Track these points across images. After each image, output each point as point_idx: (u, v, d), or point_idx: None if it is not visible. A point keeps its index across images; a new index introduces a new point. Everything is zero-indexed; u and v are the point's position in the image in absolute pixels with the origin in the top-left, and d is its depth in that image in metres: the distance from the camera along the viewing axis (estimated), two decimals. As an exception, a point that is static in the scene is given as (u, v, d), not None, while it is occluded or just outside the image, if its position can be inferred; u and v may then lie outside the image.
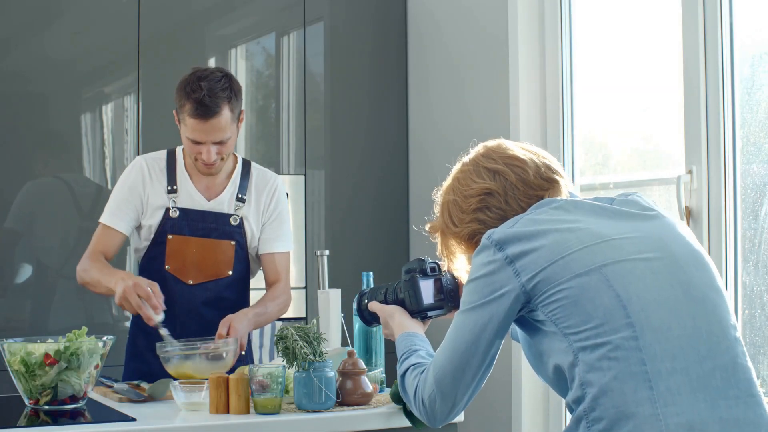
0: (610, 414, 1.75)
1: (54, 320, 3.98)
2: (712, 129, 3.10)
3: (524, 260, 1.85)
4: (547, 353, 1.87)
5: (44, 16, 4.05)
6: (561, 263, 1.82)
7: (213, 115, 2.84)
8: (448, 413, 1.97)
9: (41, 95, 4.04)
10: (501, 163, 2.03)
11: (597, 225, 1.87)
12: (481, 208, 2.02)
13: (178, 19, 4.27)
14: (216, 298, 3.01)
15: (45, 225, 4.01)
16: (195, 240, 2.98)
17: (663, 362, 1.75)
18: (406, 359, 2.11)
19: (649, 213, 1.93)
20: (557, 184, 2.02)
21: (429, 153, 4.49)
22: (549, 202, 1.95)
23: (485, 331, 1.90)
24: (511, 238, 1.87)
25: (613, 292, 1.79)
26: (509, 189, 2.00)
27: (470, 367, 1.92)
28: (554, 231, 1.86)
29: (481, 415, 4.03)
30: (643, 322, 1.77)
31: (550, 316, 1.83)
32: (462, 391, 1.95)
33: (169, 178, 3.00)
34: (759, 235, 3.01)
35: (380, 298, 2.38)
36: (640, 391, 1.73)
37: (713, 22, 3.08)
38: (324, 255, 3.10)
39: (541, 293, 1.84)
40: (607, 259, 1.82)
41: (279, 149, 4.41)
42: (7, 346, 2.46)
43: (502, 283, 1.87)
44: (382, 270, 4.34)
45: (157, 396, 2.63)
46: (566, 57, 3.83)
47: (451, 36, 4.33)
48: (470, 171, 2.07)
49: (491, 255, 1.89)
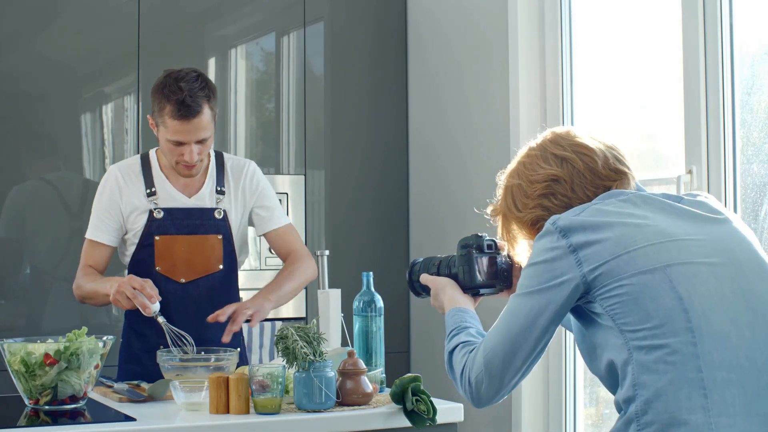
0: (662, 419, 1.72)
1: (49, 322, 3.98)
2: (712, 129, 3.10)
3: (588, 250, 1.82)
4: (601, 347, 1.84)
5: (44, 16, 4.05)
6: (625, 258, 1.79)
7: (195, 114, 2.86)
8: (493, 396, 1.94)
9: (41, 95, 4.03)
10: (569, 150, 1.98)
11: (664, 223, 1.84)
12: (546, 195, 1.98)
13: (178, 19, 4.27)
14: (209, 294, 3.02)
15: (36, 228, 4.00)
16: (182, 238, 2.99)
17: (720, 371, 1.72)
18: (455, 335, 2.06)
19: (718, 217, 1.89)
20: (625, 176, 1.97)
21: (429, 153, 4.49)
22: (618, 194, 1.91)
23: (541, 317, 1.86)
24: (577, 226, 1.84)
25: (676, 293, 1.76)
26: (576, 177, 1.96)
27: (522, 351, 1.89)
28: (621, 224, 1.82)
29: (481, 415, 4.03)
30: (703, 327, 1.74)
31: (608, 311, 1.80)
32: (510, 375, 1.91)
33: (146, 181, 3.01)
34: (759, 235, 3.01)
35: (432, 271, 2.33)
36: (694, 399, 1.71)
37: (713, 22, 3.08)
38: (324, 255, 3.10)
39: (601, 286, 1.80)
40: (672, 260, 1.78)
41: (279, 149, 4.41)
42: (7, 346, 2.46)
43: (562, 271, 1.84)
44: (382, 270, 4.35)
45: (157, 396, 2.63)
46: (566, 57, 3.83)
47: (451, 35, 4.33)
48: (537, 156, 2.01)
49: (554, 241, 1.85)
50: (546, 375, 3.83)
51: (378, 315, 2.76)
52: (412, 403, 2.47)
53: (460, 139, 4.27)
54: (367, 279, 2.80)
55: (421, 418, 2.48)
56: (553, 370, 3.81)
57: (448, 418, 2.58)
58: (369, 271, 2.85)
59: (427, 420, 2.48)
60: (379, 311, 2.77)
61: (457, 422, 2.61)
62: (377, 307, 2.77)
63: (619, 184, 1.96)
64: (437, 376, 4.29)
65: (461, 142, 4.26)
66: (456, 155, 4.28)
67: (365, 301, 2.77)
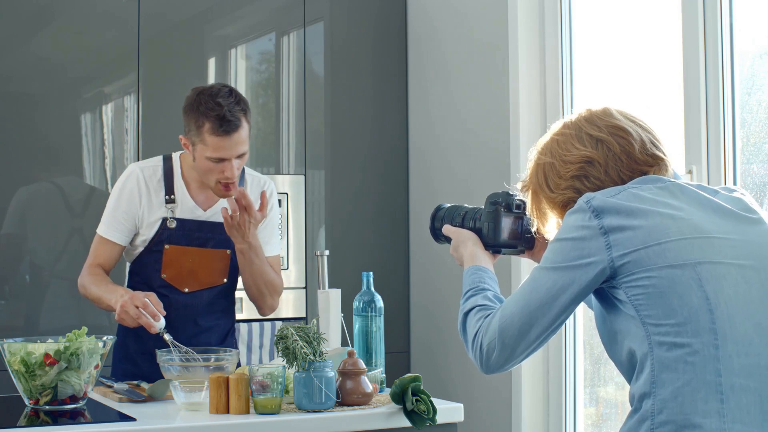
0: (677, 420, 1.70)
1: (49, 322, 3.97)
2: (712, 129, 3.10)
3: (619, 235, 1.78)
4: (623, 333, 1.81)
5: (44, 17, 4.05)
6: (656, 249, 1.75)
7: (235, 129, 2.83)
8: (503, 365, 1.91)
9: (41, 95, 4.03)
10: (606, 132, 1.92)
11: (699, 217, 1.80)
12: (578, 176, 1.92)
13: (178, 19, 4.27)
14: (209, 305, 3.03)
15: (37, 227, 4.00)
16: (191, 250, 2.98)
17: (738, 377, 1.70)
18: (472, 296, 2.03)
19: (753, 216, 1.85)
20: (662, 161, 1.91)
21: (429, 153, 4.49)
22: (655, 180, 1.86)
23: (563, 295, 1.83)
24: (611, 208, 1.80)
25: (703, 293, 1.73)
26: (611, 160, 1.90)
27: (538, 325, 1.86)
28: (656, 213, 1.78)
29: (481, 415, 4.03)
30: (727, 331, 1.71)
31: (632, 300, 1.77)
32: (523, 347, 1.89)
33: (167, 187, 2.98)
34: (759, 235, 3.01)
35: (457, 221, 2.31)
36: (710, 403, 1.69)
37: (713, 22, 3.08)
38: (324, 255, 3.10)
39: (628, 273, 1.77)
40: (704, 258, 1.75)
41: (279, 149, 4.41)
42: (7, 346, 2.46)
43: (591, 252, 1.80)
44: (382, 270, 4.35)
45: (157, 396, 2.63)
46: (566, 57, 3.83)
47: (451, 36, 4.33)
48: (572, 135, 1.94)
49: (586, 220, 1.81)
50: (546, 375, 3.84)
51: (378, 315, 2.76)
52: (412, 403, 2.47)
53: (460, 139, 4.27)
54: (367, 279, 2.80)
55: (421, 418, 2.48)
56: (553, 370, 3.81)
57: (448, 418, 2.58)
58: (369, 271, 2.85)
59: (427, 420, 2.48)
60: (379, 311, 2.77)
61: (457, 422, 2.61)
62: (377, 307, 2.77)
63: (657, 170, 1.91)
64: (437, 376, 4.29)
65: (461, 142, 4.26)
66: (456, 155, 4.28)
67: (365, 301, 2.77)
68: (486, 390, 4.04)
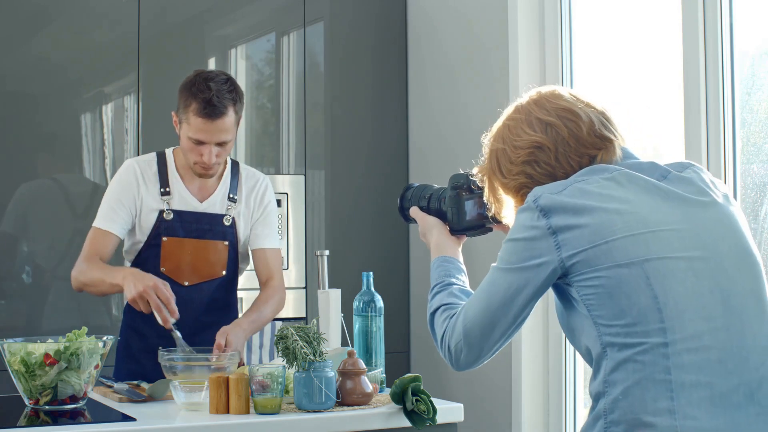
0: (628, 419, 1.71)
1: (49, 322, 3.97)
2: (712, 129, 3.10)
3: (567, 235, 1.78)
4: (579, 331, 1.82)
5: (44, 16, 4.05)
6: (603, 248, 1.75)
7: (219, 115, 2.87)
8: (472, 363, 1.93)
9: (41, 95, 4.03)
10: (554, 115, 1.91)
11: (647, 208, 1.78)
12: (529, 162, 1.91)
13: (178, 19, 4.27)
14: (209, 299, 3.03)
15: (39, 227, 4.00)
16: (189, 241, 2.99)
17: (688, 374, 1.70)
18: (438, 293, 2.05)
19: (704, 200, 1.82)
20: (611, 143, 1.90)
21: (429, 153, 4.49)
22: (601, 170, 1.84)
23: (519, 295, 1.84)
24: (558, 207, 1.79)
25: (651, 291, 1.73)
26: (560, 145, 1.89)
27: (500, 325, 1.87)
28: (602, 210, 1.77)
29: (481, 415, 4.03)
30: (676, 329, 1.71)
31: (584, 299, 1.78)
32: (489, 346, 1.90)
33: (161, 180, 3.01)
34: (759, 235, 3.01)
35: (423, 204, 2.33)
36: (660, 401, 1.70)
37: (713, 22, 3.08)
38: (324, 255, 3.10)
39: (578, 273, 1.77)
40: (651, 254, 1.74)
41: (279, 149, 4.41)
42: (7, 346, 2.46)
43: (541, 252, 1.80)
44: (382, 270, 4.35)
45: (157, 396, 2.63)
46: (566, 56, 3.83)
47: (451, 35, 4.33)
48: (522, 120, 1.94)
49: (535, 220, 1.81)
50: (546, 375, 3.84)
51: (378, 315, 2.76)
52: (412, 403, 2.47)
53: (460, 139, 4.27)
54: (367, 279, 2.80)
55: (421, 418, 2.48)
56: (553, 369, 3.81)
57: (448, 418, 2.58)
58: (369, 271, 2.85)
59: (427, 420, 2.48)
60: (379, 311, 2.77)
61: (457, 422, 2.61)
62: (377, 307, 2.77)
63: (605, 153, 1.89)
64: (437, 376, 4.29)
65: (461, 142, 4.26)
66: (456, 155, 4.28)
67: (365, 301, 2.77)
68: (486, 390, 4.04)
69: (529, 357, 3.83)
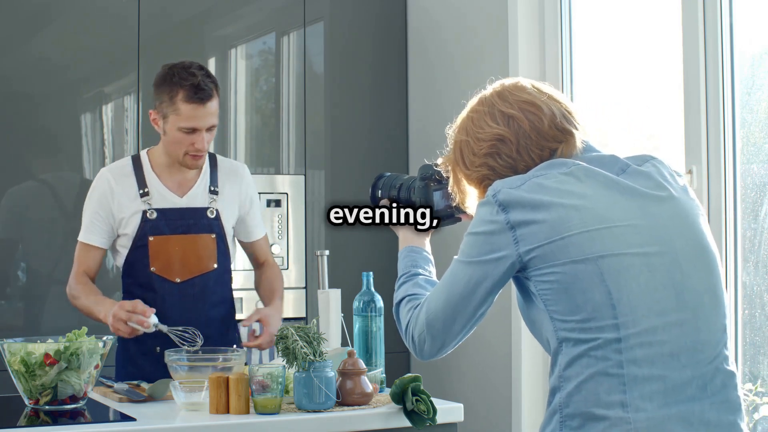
0: (582, 413, 1.75)
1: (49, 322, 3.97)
2: (712, 129, 3.10)
3: (524, 230, 1.80)
4: (539, 324, 1.85)
5: (44, 17, 4.05)
6: (559, 243, 1.77)
7: (208, 98, 2.91)
8: (436, 353, 1.97)
9: (41, 95, 4.03)
10: (516, 108, 1.93)
11: (604, 203, 1.80)
12: (491, 154, 1.93)
13: (178, 19, 4.27)
14: (204, 293, 3.03)
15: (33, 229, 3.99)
16: (176, 238, 3.00)
17: (641, 368, 1.72)
18: (403, 284, 2.08)
19: (661, 194, 1.84)
20: (572, 136, 1.91)
21: (429, 153, 4.49)
22: (560, 165, 1.85)
23: (479, 288, 1.87)
24: (515, 202, 1.81)
25: (605, 288, 1.75)
26: (522, 138, 1.90)
27: (461, 317, 1.90)
28: (559, 205, 1.79)
29: (481, 415, 4.03)
30: (629, 324, 1.74)
31: (541, 294, 1.80)
32: (451, 337, 1.94)
33: (138, 181, 3.01)
34: (759, 235, 3.01)
35: (393, 194, 2.34)
36: (613, 394, 1.72)
37: (713, 22, 3.08)
38: (324, 255, 3.10)
39: (535, 268, 1.80)
40: (606, 250, 1.76)
41: (279, 149, 4.41)
42: (7, 346, 2.46)
43: (500, 246, 1.83)
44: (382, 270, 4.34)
45: (157, 396, 2.63)
46: (566, 56, 3.83)
47: (451, 35, 4.33)
48: (485, 112, 1.97)
49: (494, 214, 1.83)
50: (546, 375, 3.84)
51: (378, 315, 2.77)
52: (412, 403, 2.47)
53: (460, 139, 4.26)
54: (367, 279, 2.80)
55: (421, 418, 2.48)
56: (553, 370, 3.81)
57: (448, 418, 2.58)
58: (369, 271, 2.86)
59: (427, 420, 2.48)
60: (379, 311, 2.77)
61: (457, 422, 2.61)
62: (377, 307, 2.77)
63: (565, 146, 1.90)
64: (437, 376, 4.29)
65: (461, 142, 4.25)
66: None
67: (365, 301, 2.77)
68: (486, 390, 4.04)
69: (529, 357, 3.83)
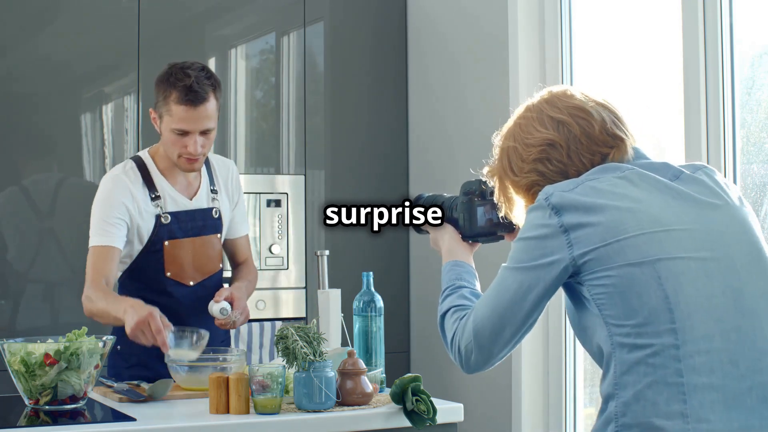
0: (640, 423, 1.70)
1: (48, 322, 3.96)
2: (712, 129, 3.10)
3: (579, 233, 1.77)
4: (591, 329, 1.81)
5: (44, 16, 4.05)
6: (615, 246, 1.74)
7: (201, 101, 2.84)
8: (483, 365, 1.91)
9: (41, 95, 4.03)
10: (566, 113, 1.90)
11: (659, 207, 1.78)
12: (541, 159, 1.90)
13: (178, 19, 4.27)
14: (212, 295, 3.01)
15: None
16: (189, 241, 2.98)
17: (700, 376, 1.69)
18: (448, 296, 2.04)
19: (716, 202, 1.81)
20: (623, 142, 1.89)
21: (429, 153, 4.49)
22: (613, 169, 1.83)
23: (530, 294, 1.83)
24: (569, 205, 1.78)
25: (663, 292, 1.71)
26: (572, 142, 1.88)
27: (511, 325, 1.85)
28: (614, 208, 1.76)
29: (481, 415, 4.03)
30: (687, 330, 1.70)
31: (595, 298, 1.76)
32: (500, 347, 1.88)
33: (149, 186, 2.95)
34: (759, 235, 3.01)
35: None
36: (673, 404, 1.68)
37: (713, 22, 3.08)
38: (324, 255, 3.10)
39: (590, 271, 1.76)
40: (663, 254, 1.73)
41: (279, 149, 4.41)
42: (7, 346, 2.46)
43: (553, 250, 1.79)
44: (382, 270, 4.34)
45: (157, 396, 2.63)
46: (566, 55, 3.83)
47: (451, 35, 4.33)
48: (533, 118, 1.93)
49: (546, 218, 1.80)
50: (546, 375, 3.84)
51: (378, 315, 2.76)
52: (412, 403, 2.47)
53: (460, 139, 4.27)
54: (367, 279, 2.80)
55: (421, 418, 2.48)
56: (553, 370, 3.81)
57: (448, 418, 2.58)
58: (369, 271, 2.85)
59: (427, 420, 2.48)
60: (379, 311, 2.77)
61: (457, 422, 2.61)
62: (377, 307, 2.77)
63: (617, 151, 1.89)
64: (437, 376, 4.29)
65: (461, 142, 4.26)
66: (455, 155, 4.28)
67: (365, 301, 2.77)
68: (486, 390, 4.04)
69: (529, 357, 3.83)
